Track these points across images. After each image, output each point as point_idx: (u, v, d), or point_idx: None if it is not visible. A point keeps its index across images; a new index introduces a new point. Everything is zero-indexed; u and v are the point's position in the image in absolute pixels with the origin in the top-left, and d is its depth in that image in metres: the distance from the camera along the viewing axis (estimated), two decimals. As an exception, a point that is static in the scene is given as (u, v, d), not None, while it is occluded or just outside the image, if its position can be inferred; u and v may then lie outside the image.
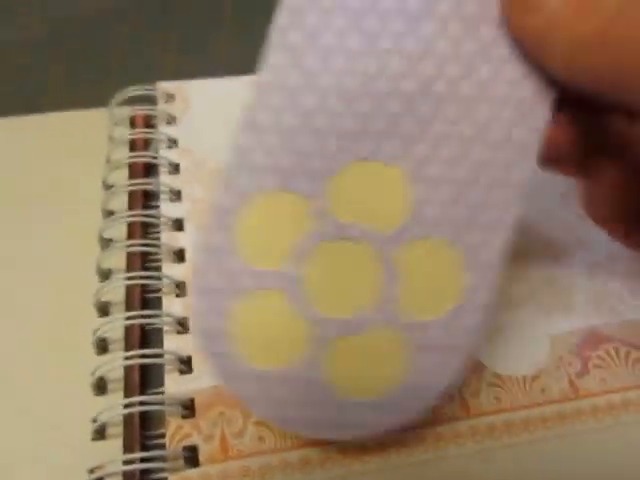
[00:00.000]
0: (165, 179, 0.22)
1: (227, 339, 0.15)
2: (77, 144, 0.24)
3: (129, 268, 0.21)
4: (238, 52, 0.29)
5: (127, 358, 0.18)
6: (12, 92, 0.27)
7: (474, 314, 0.15)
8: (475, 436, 0.17)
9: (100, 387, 0.18)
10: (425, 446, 0.17)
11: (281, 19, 0.15)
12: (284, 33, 0.15)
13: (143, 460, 0.17)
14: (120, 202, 0.22)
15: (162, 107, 0.24)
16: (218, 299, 0.15)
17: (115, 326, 0.19)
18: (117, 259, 0.21)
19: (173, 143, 0.23)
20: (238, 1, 0.31)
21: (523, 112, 0.15)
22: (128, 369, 0.19)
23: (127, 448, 0.17)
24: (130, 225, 0.21)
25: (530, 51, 0.15)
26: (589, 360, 0.18)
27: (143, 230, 0.22)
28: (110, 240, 0.21)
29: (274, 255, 0.15)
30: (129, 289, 0.20)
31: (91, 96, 0.25)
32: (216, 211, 0.15)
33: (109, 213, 0.22)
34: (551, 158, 0.16)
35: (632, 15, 0.13)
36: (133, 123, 0.24)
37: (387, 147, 0.15)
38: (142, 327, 0.19)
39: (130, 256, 0.21)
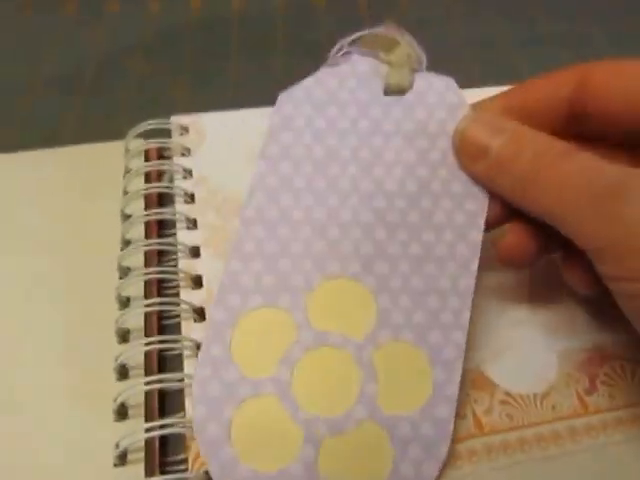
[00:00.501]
0: (181, 208, 0.23)
1: (227, 445, 0.17)
2: (93, 176, 0.25)
3: (147, 295, 0.21)
4: (247, 85, 0.30)
5: (147, 383, 0.19)
6: (30, 128, 0.28)
7: (444, 406, 0.17)
8: (490, 453, 0.17)
9: (121, 413, 0.19)
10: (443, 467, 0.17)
11: (260, 166, 0.19)
12: (263, 177, 0.19)
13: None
14: (137, 232, 0.23)
15: (177, 140, 0.25)
16: (217, 407, 0.17)
17: (135, 353, 0.20)
18: (135, 287, 0.21)
19: (188, 174, 0.24)
20: (245, 36, 0.33)
21: (461, 233, 0.18)
22: (148, 394, 0.19)
23: (148, 472, 0.18)
24: (147, 253, 0.22)
25: (482, 185, 0.19)
26: (596, 377, 0.19)
27: (160, 258, 0.22)
28: (128, 268, 0.22)
29: (266, 363, 0.17)
30: (148, 316, 0.21)
31: (106, 131, 0.26)
32: (213, 325, 0.18)
33: (127, 242, 0.23)
34: (509, 260, 0.19)
35: (543, 169, 0.16)
36: (147, 156, 0.25)
37: (352, 266, 0.18)
38: (160, 353, 0.20)
39: (148, 284, 0.21)
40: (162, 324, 0.21)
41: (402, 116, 0.19)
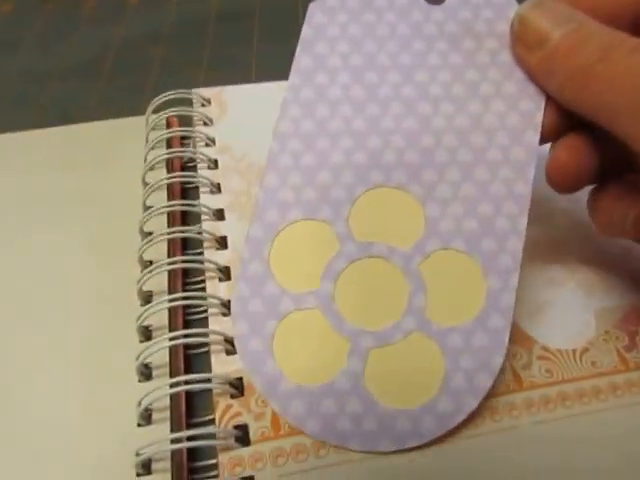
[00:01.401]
0: (204, 173, 0.23)
1: (270, 360, 0.16)
2: (115, 150, 0.25)
3: (170, 254, 0.21)
4: (268, 71, 0.31)
5: (172, 339, 0.18)
6: (51, 113, 0.28)
7: (499, 317, 0.16)
8: (530, 408, 0.17)
9: (145, 373, 0.18)
10: (482, 419, 0.16)
11: (294, 79, 0.18)
12: (297, 90, 0.18)
13: (191, 439, 0.16)
14: (160, 198, 0.22)
15: (199, 110, 0.25)
16: (259, 322, 0.16)
17: (158, 310, 0.19)
18: (157, 249, 0.21)
19: (211, 141, 0.24)
20: (267, 23, 0.33)
21: (515, 136, 0.17)
22: (172, 352, 0.18)
23: (174, 428, 0.17)
24: (170, 214, 0.22)
25: (537, 81, 0.17)
26: (635, 335, 0.18)
27: (183, 221, 0.22)
28: (150, 233, 0.21)
29: (307, 278, 0.17)
30: (171, 274, 0.20)
31: (126, 114, 0.26)
32: (250, 243, 0.17)
33: (148, 209, 0.22)
34: (557, 179, 0.17)
35: (610, 61, 0.15)
36: (169, 125, 0.25)
37: (396, 176, 0.17)
38: (185, 311, 0.19)
39: (171, 243, 0.21)
40: (186, 281, 0.20)
41: (444, 18, 0.18)
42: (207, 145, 0.24)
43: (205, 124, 0.25)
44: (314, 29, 0.18)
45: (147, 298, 0.20)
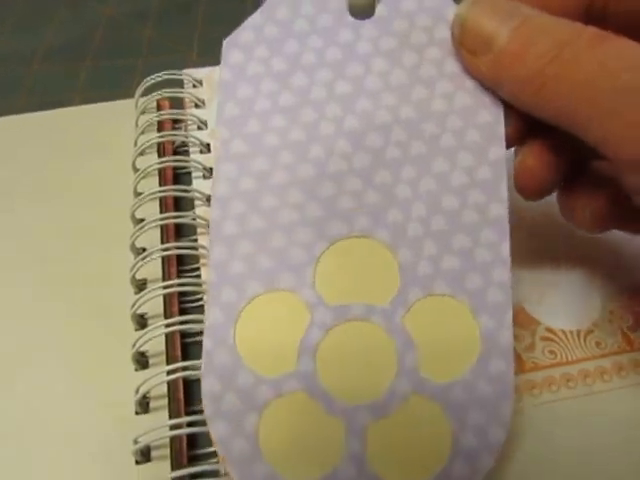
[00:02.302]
0: (197, 157, 0.22)
1: (260, 461, 0.14)
2: (104, 136, 0.24)
3: (164, 241, 0.20)
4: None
5: (168, 326, 0.18)
6: (37, 95, 0.27)
7: (499, 359, 0.14)
8: (532, 390, 0.16)
9: (141, 362, 0.18)
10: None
11: (222, 132, 0.16)
12: (227, 144, 0.16)
13: (190, 427, 0.16)
14: (152, 184, 0.22)
15: (190, 91, 0.24)
16: (238, 421, 0.14)
17: (152, 298, 0.19)
18: (150, 235, 0.20)
19: (203, 124, 0.23)
20: (259, 2, 0.32)
21: (479, 154, 0.15)
22: (169, 338, 0.18)
23: (173, 415, 0.17)
24: (163, 200, 0.21)
25: (490, 88, 0.15)
26: (640, 315, 0.18)
27: (176, 207, 0.21)
28: (142, 220, 0.21)
29: (282, 358, 0.15)
30: (165, 260, 0.20)
31: (114, 96, 0.25)
32: (211, 331, 0.15)
33: (138, 194, 0.22)
34: (524, 186, 0.16)
35: (565, 61, 0.13)
36: (159, 107, 0.24)
37: (358, 222, 0.15)
38: (180, 299, 0.19)
39: (165, 229, 0.20)
40: (180, 268, 0.20)
41: (377, 33, 0.16)
42: (199, 128, 0.23)
43: (197, 106, 0.24)
44: (232, 70, 0.16)
45: (141, 286, 0.20)
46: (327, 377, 0.14)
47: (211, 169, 0.22)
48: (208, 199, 0.21)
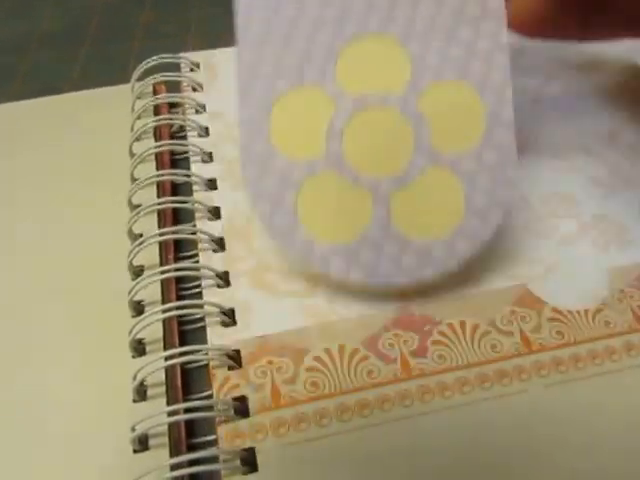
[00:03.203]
0: (195, 141, 0.22)
1: (300, 229, 0.17)
2: (101, 121, 0.24)
3: (161, 225, 0.20)
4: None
5: (165, 311, 0.18)
6: (32, 82, 0.27)
7: (503, 131, 0.17)
8: (540, 370, 0.16)
9: (138, 349, 0.18)
10: (490, 383, 0.16)
11: None
12: None
13: (188, 413, 0.16)
14: (149, 169, 0.21)
15: (187, 75, 0.24)
16: (278, 198, 0.17)
17: (148, 284, 0.18)
18: (147, 221, 0.20)
19: (201, 108, 0.23)
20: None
21: None
22: (167, 324, 0.18)
23: (171, 402, 0.16)
24: (160, 185, 0.21)
25: None
26: (651, 293, 0.18)
27: (173, 192, 0.21)
28: (139, 206, 0.21)
29: (312, 144, 0.17)
30: (162, 246, 0.19)
31: (110, 82, 0.25)
32: (246, 126, 0.17)
33: (135, 179, 0.21)
34: (520, 22, 0.17)
35: None
36: (156, 92, 0.24)
37: (370, 21, 0.17)
38: (178, 285, 0.19)
39: (162, 214, 0.20)
40: (178, 254, 0.19)
41: None
42: (197, 112, 0.23)
43: (194, 90, 0.23)
44: None
45: (138, 272, 0.19)
46: (353, 156, 0.17)
47: (210, 153, 0.22)
48: (206, 183, 0.21)
